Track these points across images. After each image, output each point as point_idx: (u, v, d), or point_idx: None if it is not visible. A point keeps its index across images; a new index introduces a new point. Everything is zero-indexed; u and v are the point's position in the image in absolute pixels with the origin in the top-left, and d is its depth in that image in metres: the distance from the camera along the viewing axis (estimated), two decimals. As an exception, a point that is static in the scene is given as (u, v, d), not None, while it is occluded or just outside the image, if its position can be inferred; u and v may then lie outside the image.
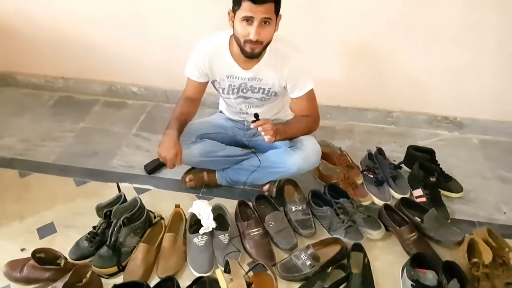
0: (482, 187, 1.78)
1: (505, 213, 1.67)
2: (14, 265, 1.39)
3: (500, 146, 2.02)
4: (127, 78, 2.31)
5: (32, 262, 1.36)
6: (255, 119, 1.45)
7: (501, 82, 1.92)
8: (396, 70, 1.98)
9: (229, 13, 1.42)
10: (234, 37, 1.45)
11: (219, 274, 1.33)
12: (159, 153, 1.50)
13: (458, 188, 1.72)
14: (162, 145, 1.50)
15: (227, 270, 1.37)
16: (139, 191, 1.75)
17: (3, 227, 1.60)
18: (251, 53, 1.42)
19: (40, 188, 1.77)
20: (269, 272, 1.38)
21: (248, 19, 1.35)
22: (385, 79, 2.01)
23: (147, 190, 1.76)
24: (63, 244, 1.50)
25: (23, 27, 2.24)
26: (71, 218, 1.63)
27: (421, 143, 1.97)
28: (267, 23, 1.36)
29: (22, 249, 1.51)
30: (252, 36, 1.36)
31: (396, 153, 1.92)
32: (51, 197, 1.73)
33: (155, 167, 1.85)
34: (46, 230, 1.59)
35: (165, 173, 1.85)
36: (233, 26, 1.42)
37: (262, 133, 1.45)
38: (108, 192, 1.73)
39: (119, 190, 1.72)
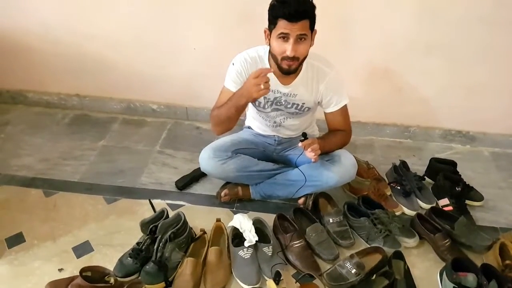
0: (499, 196, 1.89)
1: (522, 219, 1.78)
2: (56, 286, 1.35)
3: (510, 158, 2.15)
4: (146, 96, 2.32)
5: (78, 280, 1.31)
6: (303, 138, 1.46)
7: (510, 98, 2.06)
8: (413, 87, 2.08)
9: (265, 31, 1.47)
10: (271, 54, 1.50)
11: (271, 285, 1.35)
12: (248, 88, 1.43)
13: (479, 197, 1.82)
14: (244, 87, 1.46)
15: (276, 280, 1.38)
16: (173, 207, 1.74)
17: (36, 247, 1.55)
18: (288, 69, 1.47)
19: (69, 207, 1.74)
20: (315, 282, 1.41)
21: (284, 36, 1.39)
22: (403, 95, 2.11)
23: (181, 206, 1.76)
24: (102, 262, 1.47)
25: (38, 44, 2.21)
26: (106, 236, 1.61)
27: (437, 156, 2.06)
28: (303, 39, 1.40)
29: (60, 269, 1.47)
30: (289, 53, 1.40)
31: (416, 166, 2.00)
32: (82, 215, 1.70)
33: (186, 183, 1.85)
34: (83, 249, 1.55)
35: (196, 189, 1.86)
36: (269, 44, 1.47)
37: (308, 153, 1.46)
38: (141, 209, 1.74)
39: (152, 206, 1.74)
